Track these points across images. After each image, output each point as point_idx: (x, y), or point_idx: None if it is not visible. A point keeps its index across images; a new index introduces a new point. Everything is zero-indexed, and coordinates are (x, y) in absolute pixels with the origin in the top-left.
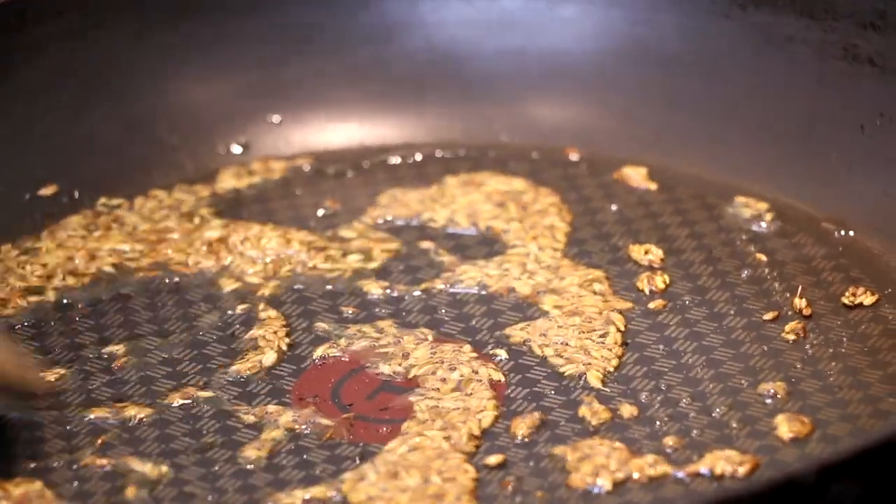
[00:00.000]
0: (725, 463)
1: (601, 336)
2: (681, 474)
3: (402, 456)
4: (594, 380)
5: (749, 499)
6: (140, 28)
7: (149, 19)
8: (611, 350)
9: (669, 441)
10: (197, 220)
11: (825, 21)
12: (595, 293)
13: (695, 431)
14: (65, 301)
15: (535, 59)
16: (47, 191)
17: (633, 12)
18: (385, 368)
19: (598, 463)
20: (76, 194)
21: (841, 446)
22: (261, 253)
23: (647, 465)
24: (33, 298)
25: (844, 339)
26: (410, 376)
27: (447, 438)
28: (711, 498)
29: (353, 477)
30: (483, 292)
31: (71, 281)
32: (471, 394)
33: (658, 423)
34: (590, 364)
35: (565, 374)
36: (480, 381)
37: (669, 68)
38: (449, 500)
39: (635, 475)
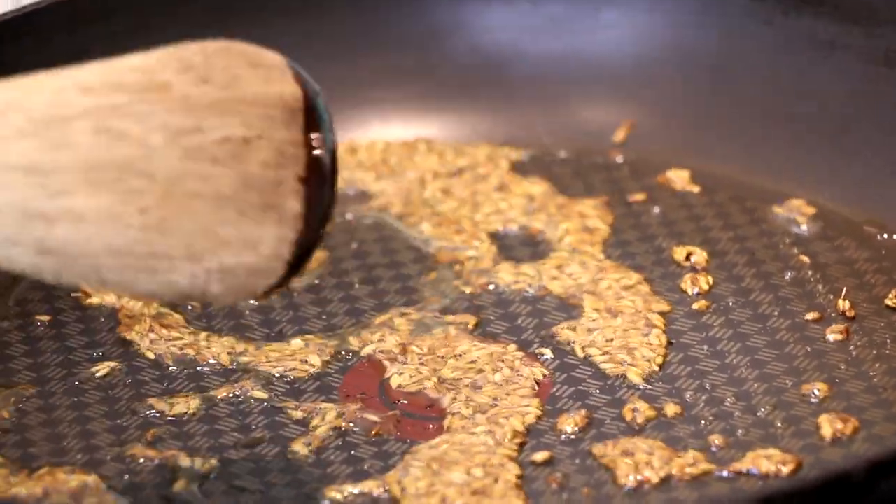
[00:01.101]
0: (769, 462)
1: (645, 336)
2: (725, 473)
3: (447, 452)
4: (638, 379)
5: (798, 496)
6: (188, 30)
7: (195, 21)
8: (655, 350)
9: (714, 440)
10: None
11: (867, 26)
12: (638, 294)
13: (740, 431)
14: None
15: (579, 62)
16: None
17: (676, 16)
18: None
19: (643, 460)
20: None
21: (886, 446)
22: None
23: (691, 464)
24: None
25: (888, 340)
26: (456, 375)
27: (491, 434)
28: (758, 495)
29: (399, 473)
30: (528, 293)
31: None
32: (515, 392)
33: (703, 422)
34: (634, 364)
35: (610, 373)
36: (525, 379)
37: (712, 73)
38: (495, 495)
39: (680, 473)
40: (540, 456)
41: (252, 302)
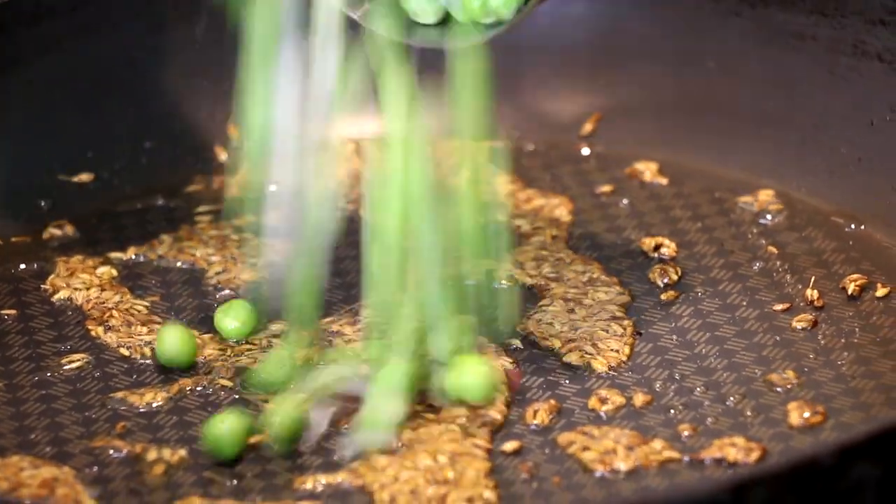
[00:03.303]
0: (736, 449)
1: (613, 326)
2: (695, 460)
3: (417, 442)
4: (606, 369)
5: (768, 482)
6: (157, 23)
7: (161, 16)
8: (623, 340)
9: (684, 429)
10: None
11: (835, 18)
12: (606, 285)
13: (709, 419)
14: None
15: (546, 54)
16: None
17: (643, 8)
18: None
19: (613, 449)
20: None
21: (854, 433)
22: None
23: (661, 452)
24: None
25: (856, 329)
26: None
27: (461, 426)
28: (728, 482)
29: (370, 463)
30: (494, 284)
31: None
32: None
33: (672, 411)
34: (602, 354)
35: (578, 363)
36: (494, 370)
37: (680, 65)
38: (466, 484)
39: (650, 461)
40: (510, 445)
41: None
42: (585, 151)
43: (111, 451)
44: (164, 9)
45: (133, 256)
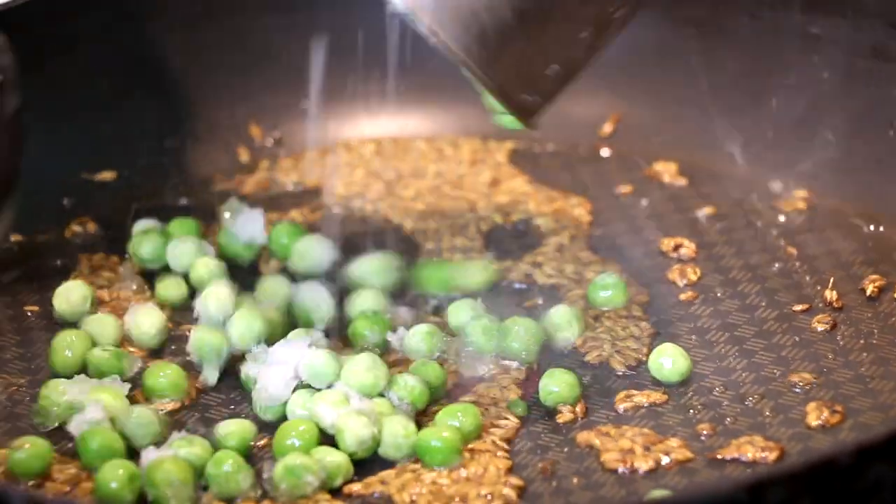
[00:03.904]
0: (754, 449)
1: (632, 326)
2: (714, 459)
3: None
4: (626, 368)
5: (786, 482)
6: (179, 23)
7: (176, 17)
8: (642, 341)
9: (703, 428)
10: None
11: (854, 21)
12: (627, 285)
13: (728, 419)
14: None
15: None
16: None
17: (663, 10)
18: None
19: (632, 448)
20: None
21: (873, 434)
22: None
23: (680, 451)
24: None
25: (875, 330)
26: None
27: (483, 423)
28: (747, 481)
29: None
30: (516, 285)
31: None
32: (505, 385)
33: (692, 410)
34: (621, 352)
35: (598, 362)
36: (515, 368)
37: (699, 66)
38: (487, 482)
39: (670, 460)
40: (530, 444)
41: None
42: (605, 152)
43: None
44: (188, 8)
45: None
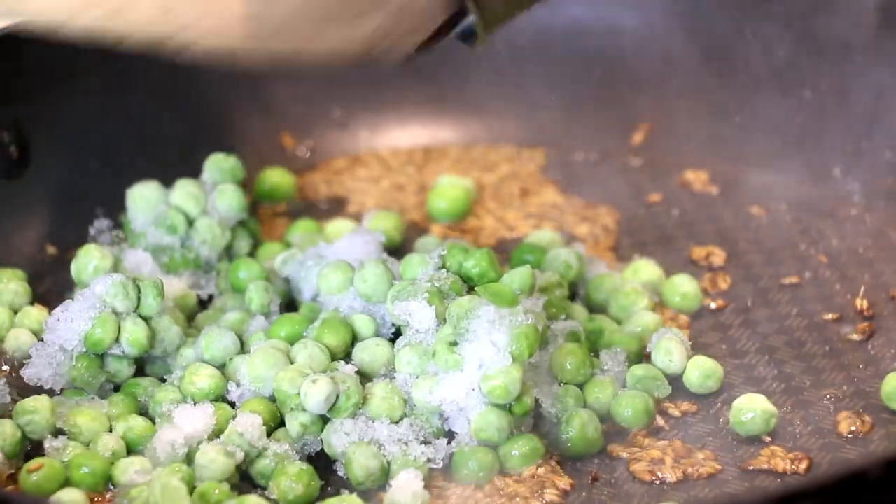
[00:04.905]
0: (784, 460)
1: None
2: (744, 470)
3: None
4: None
5: (816, 493)
6: None
7: None
8: (673, 350)
9: (733, 438)
10: None
11: (883, 28)
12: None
13: None
14: None
15: (598, 66)
16: None
17: (694, 20)
18: None
19: (662, 458)
20: None
21: None
22: None
23: (711, 461)
24: None
25: None
26: None
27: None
28: (777, 492)
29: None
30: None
31: None
32: None
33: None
34: (651, 362)
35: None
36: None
37: (730, 75)
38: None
39: (699, 470)
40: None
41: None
42: (636, 161)
43: None
44: None
45: None
